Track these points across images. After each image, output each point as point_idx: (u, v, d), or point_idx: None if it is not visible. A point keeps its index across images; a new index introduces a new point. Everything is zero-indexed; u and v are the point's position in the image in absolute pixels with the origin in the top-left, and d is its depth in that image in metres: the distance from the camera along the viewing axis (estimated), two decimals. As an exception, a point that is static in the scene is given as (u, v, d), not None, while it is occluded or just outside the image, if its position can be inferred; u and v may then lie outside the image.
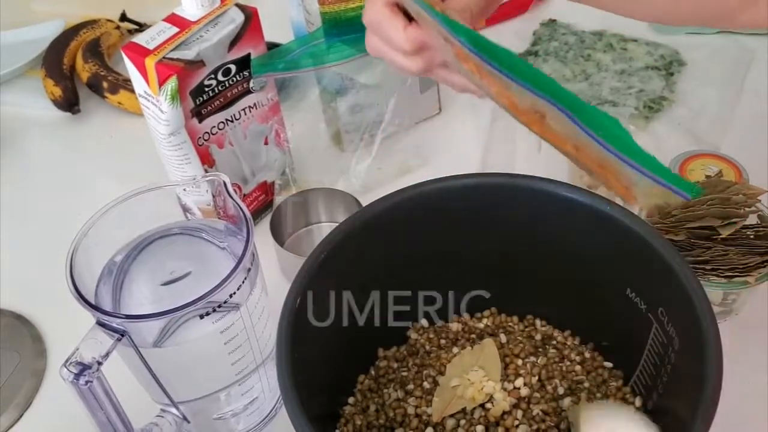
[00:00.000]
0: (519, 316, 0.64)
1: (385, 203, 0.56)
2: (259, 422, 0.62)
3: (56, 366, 0.58)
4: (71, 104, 0.93)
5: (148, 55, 0.63)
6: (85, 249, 0.52)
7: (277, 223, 0.75)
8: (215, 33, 0.66)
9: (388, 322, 0.61)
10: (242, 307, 0.53)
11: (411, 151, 0.82)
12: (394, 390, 0.59)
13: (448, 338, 0.63)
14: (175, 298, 0.50)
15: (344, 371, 0.60)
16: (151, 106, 0.66)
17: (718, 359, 0.45)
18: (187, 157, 0.69)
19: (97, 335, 0.49)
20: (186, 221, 0.58)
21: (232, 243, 0.56)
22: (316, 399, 0.51)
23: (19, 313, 0.73)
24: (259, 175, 0.77)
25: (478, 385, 0.56)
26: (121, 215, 0.54)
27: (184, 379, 0.56)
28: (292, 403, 0.46)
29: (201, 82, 0.66)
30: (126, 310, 0.53)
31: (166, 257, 0.56)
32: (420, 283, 0.60)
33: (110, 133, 0.93)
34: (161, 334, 0.52)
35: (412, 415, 0.57)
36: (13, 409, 0.65)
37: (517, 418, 0.55)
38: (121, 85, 0.92)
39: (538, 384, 0.58)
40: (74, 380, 0.48)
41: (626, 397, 0.58)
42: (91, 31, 1.00)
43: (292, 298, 0.51)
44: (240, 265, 0.50)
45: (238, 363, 0.55)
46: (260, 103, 0.73)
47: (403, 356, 0.62)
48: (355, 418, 0.58)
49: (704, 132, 0.82)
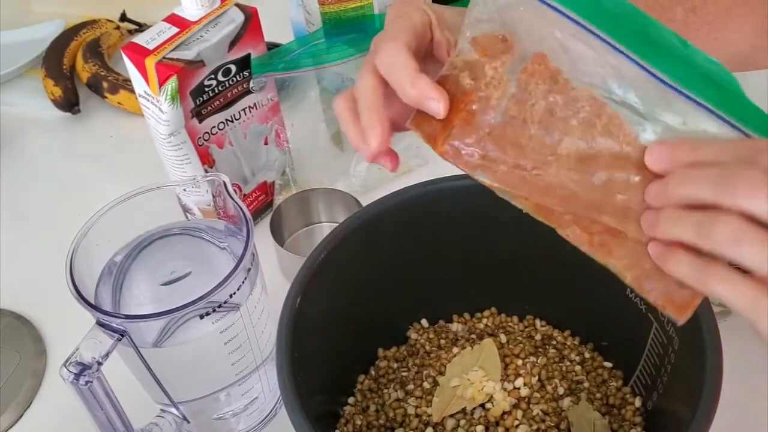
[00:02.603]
0: (519, 316, 0.64)
1: (385, 203, 0.56)
2: (259, 422, 0.62)
3: (56, 366, 0.58)
4: (71, 104, 0.93)
5: (148, 55, 0.63)
6: (85, 249, 0.52)
7: (277, 223, 0.75)
8: (215, 33, 0.66)
9: (388, 322, 0.61)
10: (242, 307, 0.53)
11: (411, 151, 0.82)
12: (394, 390, 0.59)
13: (448, 338, 0.63)
14: (175, 298, 0.50)
15: (344, 371, 0.60)
16: (151, 106, 0.66)
17: (718, 359, 0.45)
18: (187, 157, 0.69)
19: (97, 335, 0.49)
20: (186, 221, 0.58)
21: (232, 243, 0.56)
22: (316, 399, 0.51)
23: (19, 313, 0.73)
24: (259, 175, 0.77)
25: (478, 385, 0.56)
26: (121, 215, 0.54)
27: (184, 379, 0.56)
28: (292, 403, 0.46)
29: (201, 82, 0.66)
30: (126, 310, 0.53)
31: (166, 257, 0.56)
32: (420, 282, 0.60)
33: (110, 133, 0.93)
34: (161, 334, 0.52)
35: (412, 415, 0.57)
36: (12, 409, 0.65)
37: (517, 418, 0.55)
38: (121, 85, 0.92)
39: (538, 384, 0.58)
40: (74, 380, 0.48)
41: (626, 397, 0.58)
42: (91, 31, 1.00)
43: (292, 298, 0.51)
44: (240, 265, 0.50)
45: (238, 363, 0.55)
46: (260, 103, 0.73)
47: (403, 356, 0.62)
48: (355, 418, 0.58)
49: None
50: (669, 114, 0.40)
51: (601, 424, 0.56)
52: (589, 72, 0.41)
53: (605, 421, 0.56)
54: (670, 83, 0.40)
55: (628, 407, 0.57)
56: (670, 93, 0.40)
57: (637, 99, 0.41)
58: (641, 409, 0.57)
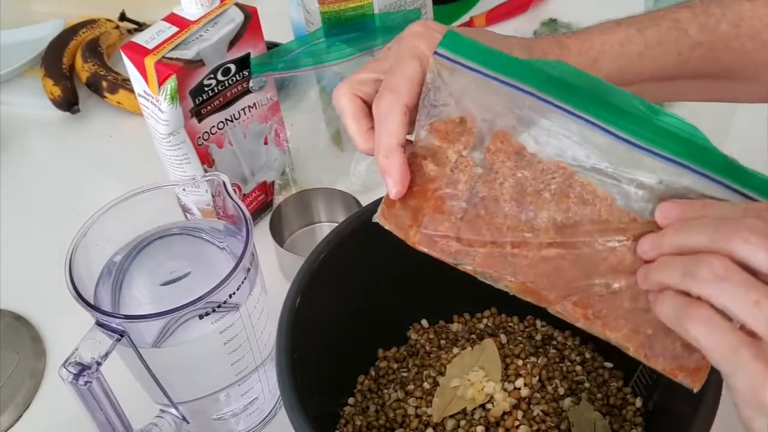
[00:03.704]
0: (519, 316, 0.64)
1: (385, 203, 0.56)
2: (258, 423, 0.62)
3: (55, 366, 0.58)
4: (70, 104, 0.93)
5: (148, 55, 0.63)
6: (84, 249, 0.52)
7: (277, 223, 0.75)
8: (215, 32, 0.66)
9: (388, 322, 0.61)
10: (242, 307, 0.52)
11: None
12: (394, 390, 0.59)
13: (448, 338, 0.62)
14: (174, 298, 0.50)
15: (344, 372, 0.60)
16: (151, 105, 0.65)
17: (719, 359, 0.45)
18: (187, 156, 0.69)
19: (97, 335, 0.49)
20: (185, 221, 0.58)
21: (231, 243, 0.56)
22: (316, 399, 0.50)
23: (18, 314, 0.73)
24: (259, 174, 0.77)
25: (478, 385, 0.56)
26: (121, 215, 0.54)
27: (183, 380, 0.56)
28: (292, 403, 0.46)
29: (200, 81, 0.66)
30: (125, 310, 0.53)
31: (165, 257, 0.56)
32: (420, 282, 0.60)
33: (109, 133, 0.92)
34: (160, 335, 0.52)
35: (412, 415, 0.57)
36: (12, 410, 0.65)
37: (517, 418, 0.55)
38: (121, 84, 0.92)
39: (538, 384, 0.57)
40: (73, 381, 0.48)
41: (627, 397, 0.58)
42: (90, 30, 0.99)
43: (292, 298, 0.51)
44: (239, 265, 0.50)
45: (238, 363, 0.55)
46: (260, 102, 0.73)
47: (403, 357, 0.62)
48: (355, 419, 0.58)
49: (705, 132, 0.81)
50: (642, 173, 0.39)
51: (601, 424, 0.56)
52: (553, 142, 0.40)
53: (606, 422, 0.56)
54: (635, 142, 0.39)
55: (628, 408, 0.57)
56: (636, 152, 0.39)
57: (606, 163, 0.40)
58: (642, 409, 0.57)
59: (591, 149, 0.40)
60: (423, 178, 0.43)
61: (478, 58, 0.41)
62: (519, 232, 0.41)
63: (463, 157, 0.42)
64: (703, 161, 0.39)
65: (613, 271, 0.40)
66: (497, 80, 0.41)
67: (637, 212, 0.39)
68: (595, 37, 0.49)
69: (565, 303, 0.41)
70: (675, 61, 0.49)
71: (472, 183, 0.42)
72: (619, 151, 0.39)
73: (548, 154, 0.40)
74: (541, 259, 0.41)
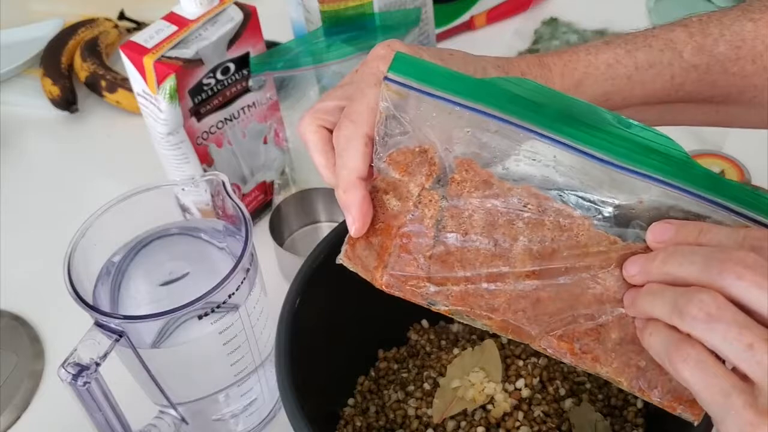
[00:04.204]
0: (520, 316, 0.64)
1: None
2: (258, 423, 0.62)
3: (54, 367, 0.58)
4: (69, 103, 0.92)
5: (147, 54, 0.63)
6: (83, 249, 0.52)
7: (277, 223, 0.74)
8: (214, 31, 0.66)
9: (388, 322, 0.60)
10: (241, 307, 0.52)
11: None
12: (394, 391, 0.59)
13: (448, 339, 0.62)
14: (173, 298, 0.49)
15: (344, 372, 0.60)
16: (150, 105, 0.65)
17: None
18: (186, 156, 0.69)
19: (95, 336, 0.49)
20: (184, 221, 0.58)
21: (231, 243, 0.56)
22: (316, 400, 0.50)
23: (17, 314, 0.73)
24: (258, 174, 0.77)
25: (478, 386, 0.56)
26: (120, 215, 0.54)
27: (182, 380, 0.56)
28: (291, 404, 0.46)
29: (200, 80, 0.66)
30: (124, 310, 0.53)
31: (164, 257, 0.56)
32: (420, 283, 0.60)
33: (108, 133, 0.92)
34: (160, 335, 0.52)
35: (413, 416, 0.57)
36: (11, 411, 0.65)
37: (518, 419, 0.55)
38: (120, 84, 0.92)
39: (539, 385, 0.57)
40: (72, 381, 0.47)
41: (628, 398, 0.57)
42: (89, 30, 0.99)
43: (292, 299, 0.51)
44: (239, 265, 0.50)
45: (237, 364, 0.55)
46: (259, 102, 0.73)
47: (403, 357, 0.62)
48: (355, 420, 0.57)
49: (706, 131, 0.81)
50: (619, 193, 0.37)
51: (602, 425, 0.55)
52: (523, 167, 0.38)
53: (607, 423, 0.56)
54: (610, 160, 0.37)
55: (629, 408, 0.57)
56: (612, 171, 0.37)
57: (579, 184, 0.37)
58: (643, 410, 0.56)
59: (563, 171, 0.37)
60: (386, 214, 0.40)
61: (432, 81, 0.38)
62: (495, 266, 0.38)
63: (427, 190, 0.39)
64: (683, 177, 0.37)
65: (597, 300, 0.38)
66: (455, 103, 0.38)
67: (618, 235, 0.37)
68: (580, 57, 0.46)
69: (549, 338, 0.39)
70: (667, 85, 0.46)
71: (439, 217, 0.39)
72: (593, 171, 0.37)
73: (518, 179, 0.38)
74: (519, 293, 0.38)
